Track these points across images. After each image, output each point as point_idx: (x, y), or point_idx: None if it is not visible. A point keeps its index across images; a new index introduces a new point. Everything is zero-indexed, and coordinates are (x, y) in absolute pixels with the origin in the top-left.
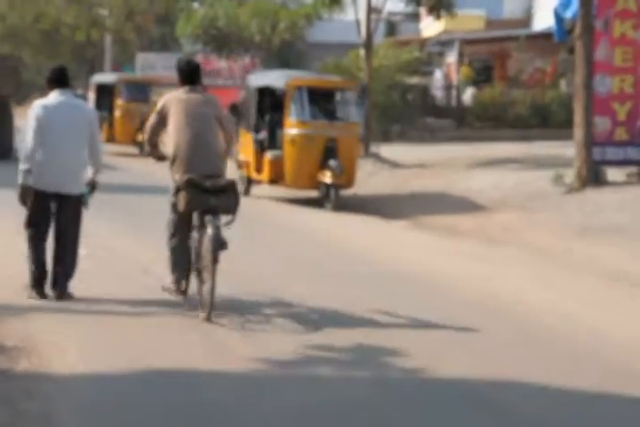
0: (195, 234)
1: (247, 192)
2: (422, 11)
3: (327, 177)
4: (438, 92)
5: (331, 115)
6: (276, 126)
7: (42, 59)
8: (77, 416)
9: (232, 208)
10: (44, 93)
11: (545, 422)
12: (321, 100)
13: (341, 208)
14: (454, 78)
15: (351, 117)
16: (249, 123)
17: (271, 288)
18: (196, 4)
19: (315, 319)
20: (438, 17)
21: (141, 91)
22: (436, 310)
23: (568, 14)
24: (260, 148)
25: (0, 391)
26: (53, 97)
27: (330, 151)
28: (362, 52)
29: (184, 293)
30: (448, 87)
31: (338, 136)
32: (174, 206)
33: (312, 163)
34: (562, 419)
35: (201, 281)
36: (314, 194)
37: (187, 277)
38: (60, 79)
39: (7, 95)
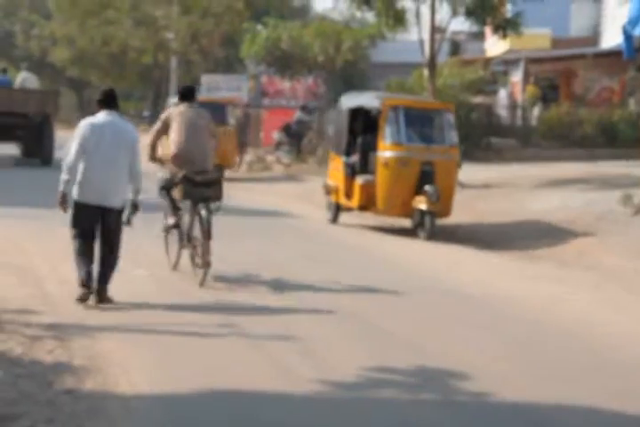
0: (186, 218)
1: (335, 220)
2: (487, 30)
3: (422, 203)
4: (503, 112)
5: (428, 137)
6: (368, 149)
7: (109, 81)
8: None
9: (219, 196)
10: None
11: None
12: (418, 122)
13: (433, 237)
14: (519, 97)
15: (450, 141)
16: (339, 146)
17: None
18: (260, 26)
19: (373, 337)
20: (504, 36)
21: (215, 112)
22: (504, 332)
23: (637, 32)
24: (351, 172)
25: (66, 410)
26: (101, 117)
27: (426, 176)
28: (425, 71)
29: None
30: (513, 106)
31: (435, 160)
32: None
33: (406, 188)
34: None
35: (196, 254)
36: (402, 222)
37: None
38: (108, 101)
39: (50, 114)
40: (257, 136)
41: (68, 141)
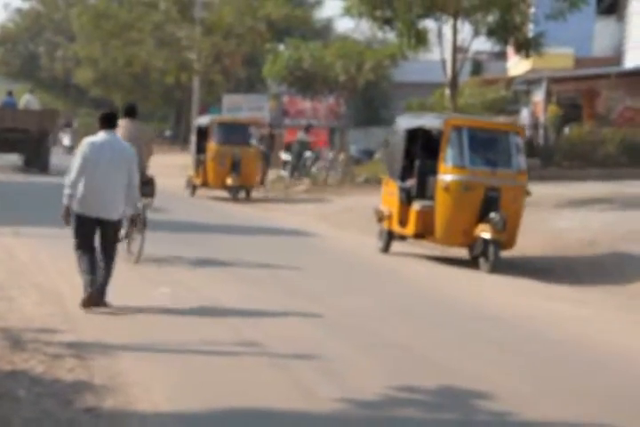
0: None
1: (387, 248)
2: (509, 49)
3: (487, 232)
4: (525, 131)
5: (493, 161)
6: (426, 173)
7: (132, 101)
8: None
9: (152, 193)
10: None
11: None
12: (483, 145)
13: (496, 270)
14: (541, 117)
15: (517, 166)
16: (394, 169)
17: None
18: (282, 46)
19: (398, 360)
20: (527, 56)
21: (237, 132)
22: (526, 352)
23: None
24: (407, 197)
25: None
26: (100, 136)
27: (491, 203)
28: (447, 91)
29: None
30: (535, 126)
31: (501, 186)
32: None
33: (469, 215)
34: None
35: (132, 240)
36: (457, 252)
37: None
38: (108, 121)
39: (48, 130)
40: (277, 156)
41: (72, 159)
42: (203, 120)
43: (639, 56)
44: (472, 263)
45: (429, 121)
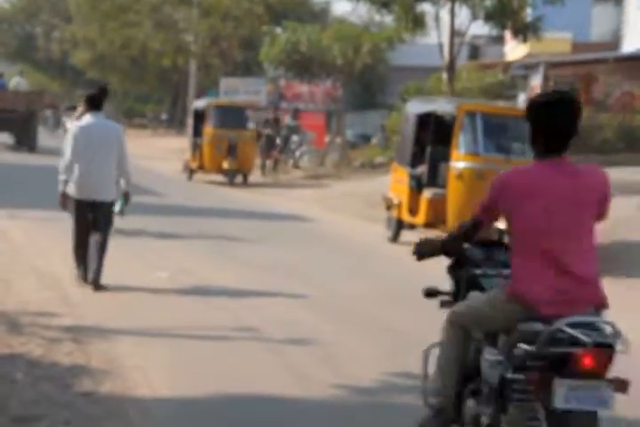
0: None
1: (395, 238)
2: (507, 34)
3: (501, 222)
4: None
5: (508, 148)
6: (438, 160)
7: (128, 84)
8: None
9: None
10: (129, 117)
11: None
12: (497, 131)
13: None
14: None
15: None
16: (403, 155)
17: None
18: (279, 29)
19: (396, 346)
20: (524, 40)
21: (234, 116)
22: None
23: None
24: (417, 185)
25: (85, 413)
26: (87, 119)
27: None
28: (444, 75)
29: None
30: None
31: None
32: None
33: None
34: None
35: None
36: None
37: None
38: (93, 104)
39: (36, 110)
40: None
41: (63, 144)
42: (200, 103)
43: (637, 41)
44: None
45: (441, 106)
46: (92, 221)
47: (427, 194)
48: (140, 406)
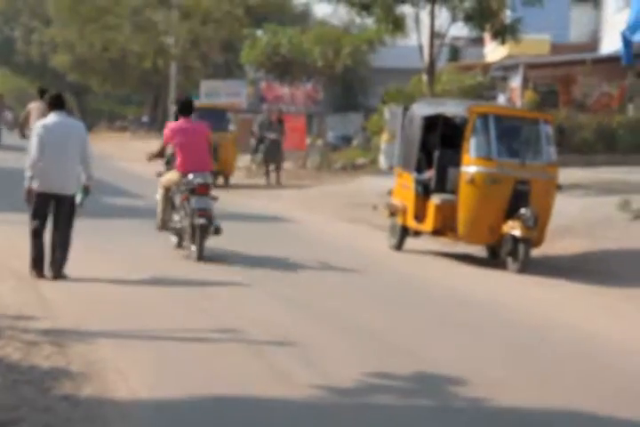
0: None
1: (400, 246)
2: (486, 35)
3: (516, 229)
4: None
5: (522, 152)
6: (446, 164)
7: (109, 86)
8: None
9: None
10: (110, 120)
11: None
12: (510, 134)
13: (526, 270)
14: (518, 103)
15: (548, 157)
16: (408, 160)
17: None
18: (259, 32)
19: (375, 349)
20: (503, 42)
21: (215, 118)
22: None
23: (636, 38)
24: (424, 190)
25: (64, 416)
26: (51, 118)
27: (520, 197)
28: (424, 77)
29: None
30: None
31: (531, 179)
32: None
33: (496, 210)
34: None
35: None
36: (472, 249)
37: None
38: (56, 103)
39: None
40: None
41: (29, 142)
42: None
43: (615, 42)
44: (491, 262)
45: (451, 108)
46: (55, 216)
47: (435, 200)
48: (120, 410)
